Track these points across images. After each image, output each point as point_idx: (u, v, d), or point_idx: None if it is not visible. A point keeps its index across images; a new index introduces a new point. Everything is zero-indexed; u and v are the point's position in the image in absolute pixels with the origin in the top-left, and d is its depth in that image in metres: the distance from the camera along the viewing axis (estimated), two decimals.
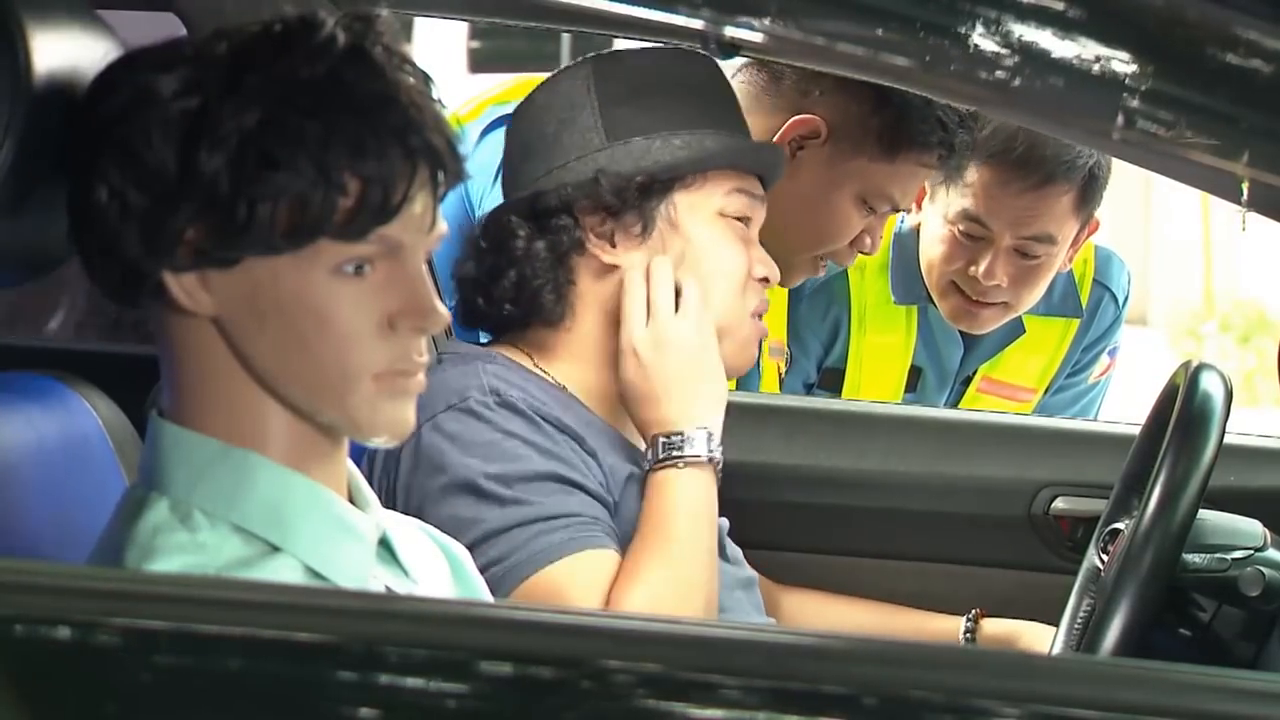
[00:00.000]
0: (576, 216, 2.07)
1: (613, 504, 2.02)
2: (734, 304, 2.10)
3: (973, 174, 2.72)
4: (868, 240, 2.62)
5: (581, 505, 1.97)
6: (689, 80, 2.12)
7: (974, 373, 2.95)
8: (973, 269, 2.77)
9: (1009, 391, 2.94)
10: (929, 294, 2.85)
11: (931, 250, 2.82)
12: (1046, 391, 3.00)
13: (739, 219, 2.10)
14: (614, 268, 2.07)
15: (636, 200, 2.06)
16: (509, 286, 2.07)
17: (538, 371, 2.08)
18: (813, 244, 2.63)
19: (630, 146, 2.07)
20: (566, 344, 2.10)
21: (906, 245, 2.86)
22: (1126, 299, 3.05)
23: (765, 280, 2.12)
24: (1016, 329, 2.94)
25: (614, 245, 2.07)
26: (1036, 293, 2.83)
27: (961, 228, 2.77)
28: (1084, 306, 2.99)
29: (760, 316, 2.14)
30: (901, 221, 2.87)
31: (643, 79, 2.11)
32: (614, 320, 2.08)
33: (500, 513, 1.93)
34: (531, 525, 1.94)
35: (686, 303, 2.05)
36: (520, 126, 2.15)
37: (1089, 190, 2.77)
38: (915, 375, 2.91)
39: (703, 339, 2.05)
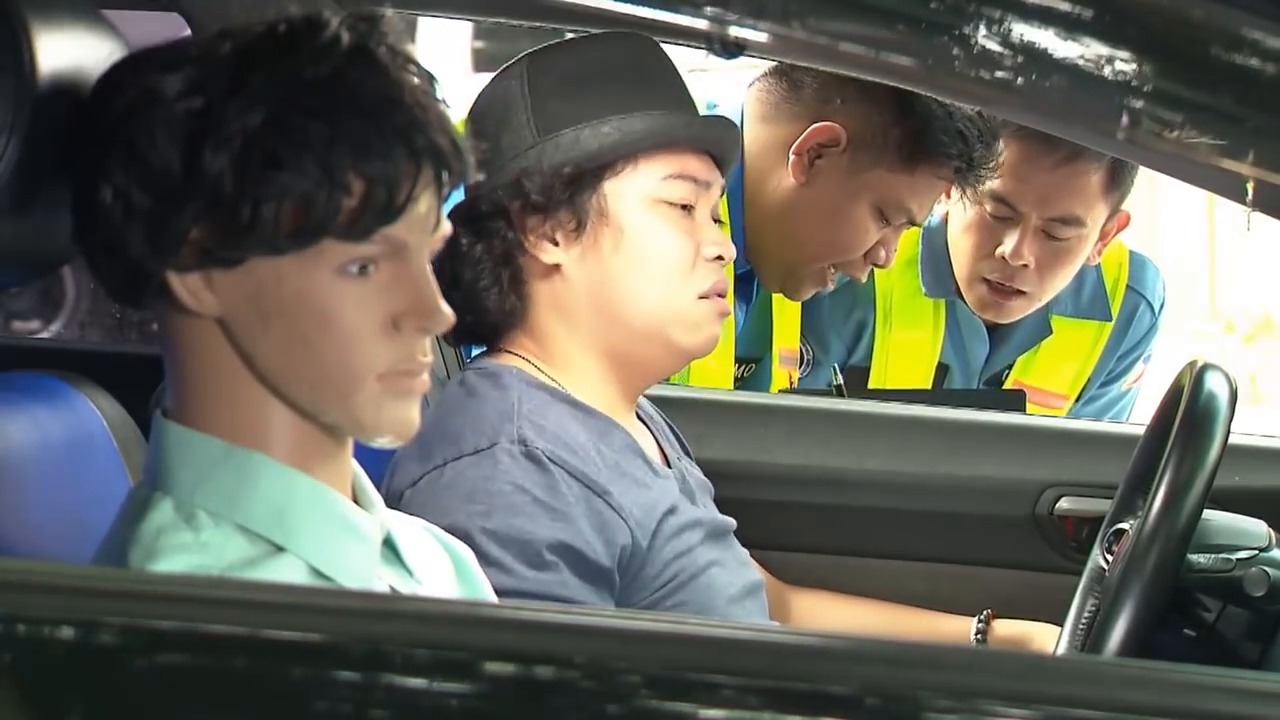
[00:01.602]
0: (511, 218, 2.05)
1: (613, 574, 1.97)
2: (675, 290, 2.05)
3: (1000, 152, 2.70)
4: (882, 252, 2.62)
5: (566, 587, 1.93)
6: (622, 64, 2.09)
7: (1005, 376, 2.94)
8: (1000, 250, 2.75)
9: (1041, 397, 2.92)
10: (958, 289, 2.84)
11: (959, 236, 2.81)
12: (1079, 399, 2.98)
13: (679, 205, 2.05)
14: (558, 266, 2.05)
15: (565, 195, 2.03)
16: (459, 296, 2.02)
17: (553, 384, 2.05)
18: (827, 254, 2.63)
19: (559, 140, 2.04)
20: (541, 343, 2.07)
21: (935, 238, 2.85)
22: (1163, 305, 3.02)
23: (719, 259, 2.07)
24: (1043, 329, 2.92)
25: (556, 243, 2.04)
26: (1062, 279, 2.81)
27: (989, 208, 2.76)
28: (1118, 313, 2.96)
29: (721, 295, 2.08)
30: (930, 215, 2.86)
31: (575, 69, 2.08)
32: (567, 318, 2.06)
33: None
34: (507, 598, 1.89)
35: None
36: (470, 131, 2.12)
37: (1118, 172, 2.74)
38: (942, 373, 2.90)
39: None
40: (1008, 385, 2.94)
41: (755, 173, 2.61)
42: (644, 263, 2.04)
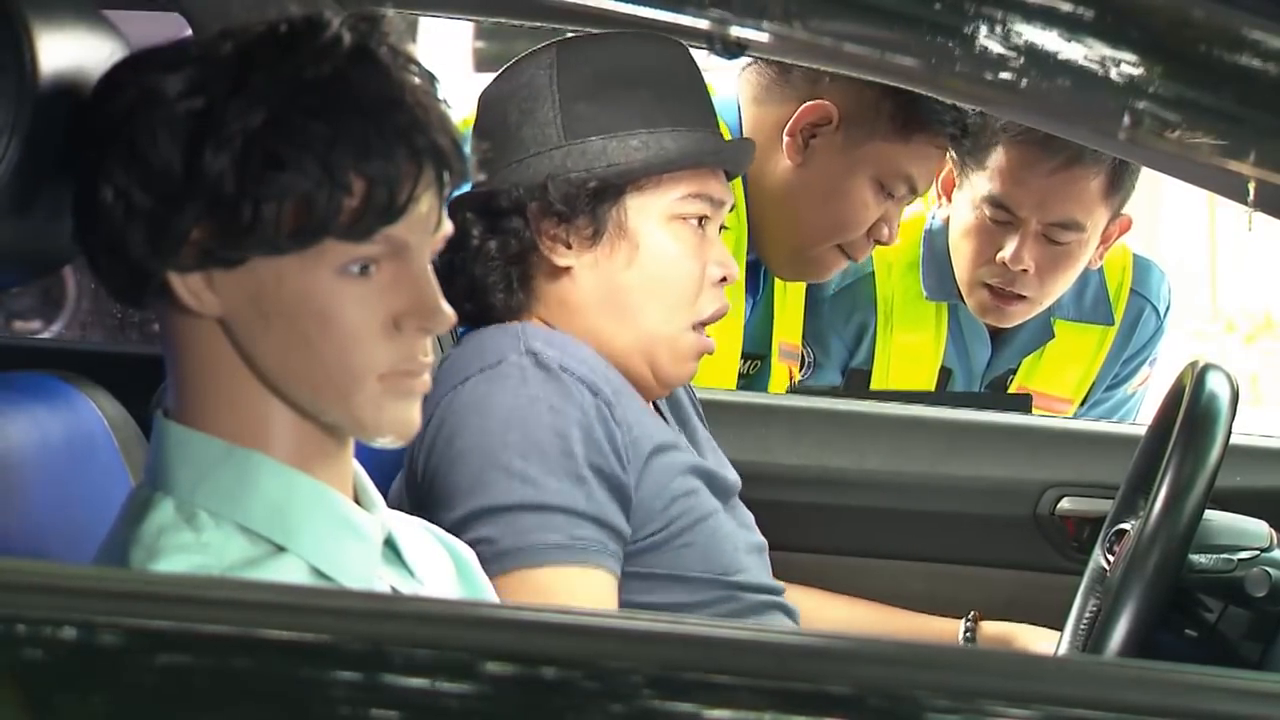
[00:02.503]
0: (528, 218, 2.04)
1: (628, 485, 1.98)
2: (677, 314, 2.06)
3: (999, 157, 2.71)
4: (885, 229, 2.61)
5: (588, 501, 1.93)
6: (653, 71, 2.08)
7: (1009, 380, 2.94)
8: (1000, 255, 2.75)
9: (1045, 402, 2.91)
10: (959, 292, 2.84)
11: (960, 240, 2.81)
12: (1084, 403, 2.98)
13: (694, 221, 2.06)
14: (568, 269, 2.05)
15: (588, 205, 2.02)
16: (464, 285, 2.04)
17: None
18: (830, 233, 2.62)
19: (586, 147, 2.03)
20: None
21: (937, 241, 2.85)
22: (1169, 309, 3.02)
23: (723, 280, 2.08)
24: (1045, 332, 2.92)
25: (569, 247, 2.04)
26: (1063, 283, 2.81)
27: (988, 212, 2.76)
28: (1122, 316, 2.96)
29: (717, 320, 2.09)
30: (932, 218, 2.86)
31: (606, 70, 2.07)
32: (568, 318, 2.06)
33: (505, 487, 1.89)
34: (531, 514, 1.91)
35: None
36: (483, 114, 2.11)
37: (1119, 175, 2.74)
38: (944, 376, 2.89)
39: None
40: (1012, 390, 2.94)
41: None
42: (655, 281, 2.05)
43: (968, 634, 2.41)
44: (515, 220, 2.04)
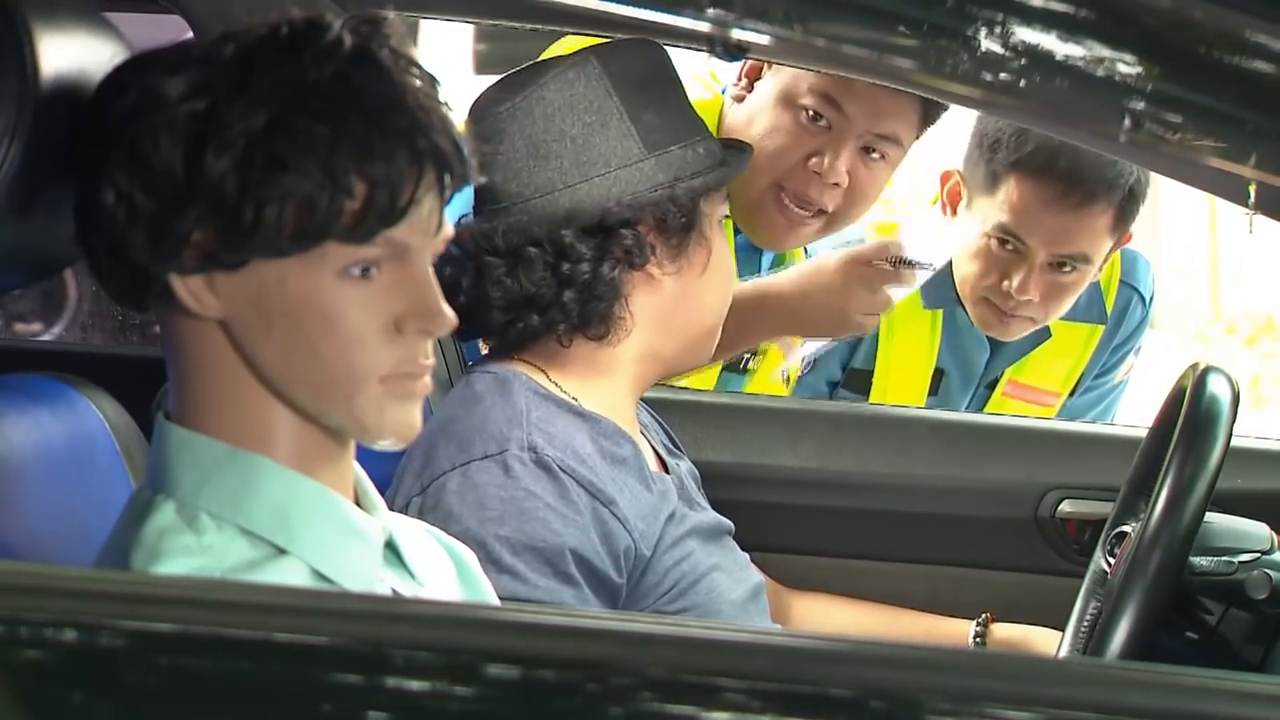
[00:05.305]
0: (639, 232, 2.04)
1: (620, 586, 1.98)
2: (727, 304, 2.12)
3: (1013, 189, 2.72)
4: (821, 160, 2.56)
5: (575, 599, 1.93)
6: (669, 77, 2.11)
7: (999, 376, 2.95)
8: (1006, 284, 2.77)
9: (1034, 395, 2.94)
10: (958, 298, 2.85)
11: (965, 260, 2.82)
12: (1072, 394, 3.00)
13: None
14: (658, 281, 2.06)
15: (684, 216, 2.05)
16: (571, 305, 2.03)
17: (561, 394, 2.05)
18: (763, 171, 2.55)
19: (669, 157, 2.05)
20: (594, 358, 2.07)
21: None
22: (1153, 297, 3.04)
23: None
24: (1043, 333, 2.93)
25: (657, 258, 2.05)
26: (1066, 306, 2.84)
27: (997, 241, 2.77)
28: (1111, 308, 2.98)
29: None
30: None
31: (646, 77, 2.08)
32: (662, 330, 2.07)
33: (492, 578, 1.87)
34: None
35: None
36: (524, 121, 2.05)
37: (1127, 209, 2.76)
38: (938, 377, 2.90)
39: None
40: (1002, 383, 2.96)
41: None
42: (719, 282, 2.10)
43: (978, 636, 2.41)
44: (629, 235, 2.03)
